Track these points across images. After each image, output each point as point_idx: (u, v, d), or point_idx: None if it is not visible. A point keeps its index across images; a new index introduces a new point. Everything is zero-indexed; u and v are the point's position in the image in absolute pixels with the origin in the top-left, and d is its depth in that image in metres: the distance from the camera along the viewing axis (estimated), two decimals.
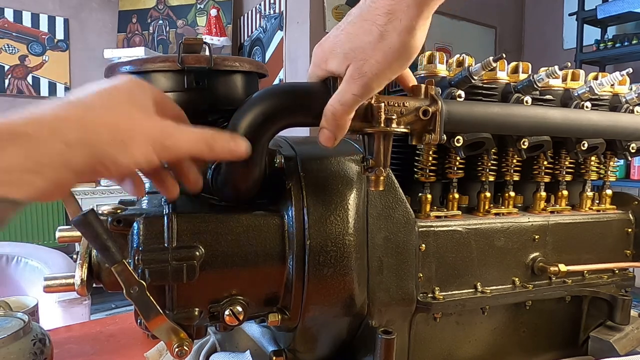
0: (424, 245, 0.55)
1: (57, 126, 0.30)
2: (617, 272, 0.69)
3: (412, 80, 0.49)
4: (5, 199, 0.26)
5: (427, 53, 0.62)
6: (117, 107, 0.34)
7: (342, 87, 0.40)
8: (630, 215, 0.71)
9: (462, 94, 0.56)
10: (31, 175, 0.28)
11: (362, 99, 0.41)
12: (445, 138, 0.55)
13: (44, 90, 3.49)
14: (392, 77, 0.41)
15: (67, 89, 3.56)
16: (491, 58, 0.54)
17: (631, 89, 0.69)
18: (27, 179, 0.27)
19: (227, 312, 0.47)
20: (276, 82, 3.04)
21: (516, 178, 0.64)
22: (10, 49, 3.35)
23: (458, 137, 0.55)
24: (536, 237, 0.62)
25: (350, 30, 0.39)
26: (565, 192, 0.69)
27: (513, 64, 0.64)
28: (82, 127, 0.31)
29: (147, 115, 0.36)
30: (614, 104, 0.69)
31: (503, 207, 0.63)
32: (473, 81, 0.56)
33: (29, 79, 3.44)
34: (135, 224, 0.46)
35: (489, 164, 0.62)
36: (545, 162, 0.66)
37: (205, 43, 0.49)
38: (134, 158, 0.34)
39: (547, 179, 0.66)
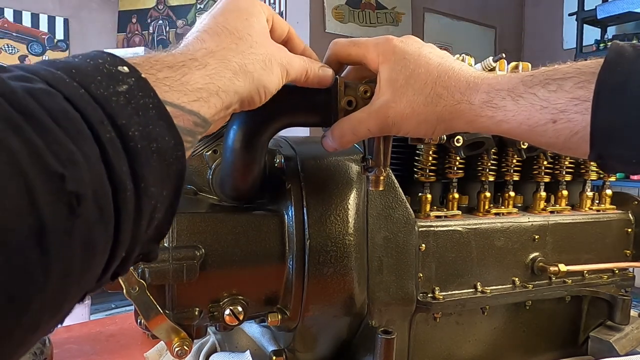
0: (424, 245, 0.55)
1: (224, 56, 0.33)
2: (617, 272, 0.69)
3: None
4: (198, 114, 0.30)
5: None
6: (255, 35, 0.36)
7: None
8: (630, 215, 0.71)
9: None
10: (213, 97, 0.31)
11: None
12: (445, 138, 0.55)
13: None
14: None
15: None
16: (491, 58, 0.54)
17: None
18: (211, 99, 0.31)
19: (227, 312, 0.47)
20: None
21: (516, 178, 0.64)
22: (10, 49, 3.35)
23: (458, 137, 0.55)
24: (536, 237, 0.62)
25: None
26: (565, 192, 0.69)
27: (513, 64, 0.63)
28: (239, 56, 0.34)
29: (269, 39, 0.38)
30: None
31: (503, 207, 0.63)
32: None
33: None
34: None
35: (489, 164, 0.62)
36: (545, 162, 0.66)
37: None
38: (275, 83, 0.37)
39: (547, 179, 0.66)
